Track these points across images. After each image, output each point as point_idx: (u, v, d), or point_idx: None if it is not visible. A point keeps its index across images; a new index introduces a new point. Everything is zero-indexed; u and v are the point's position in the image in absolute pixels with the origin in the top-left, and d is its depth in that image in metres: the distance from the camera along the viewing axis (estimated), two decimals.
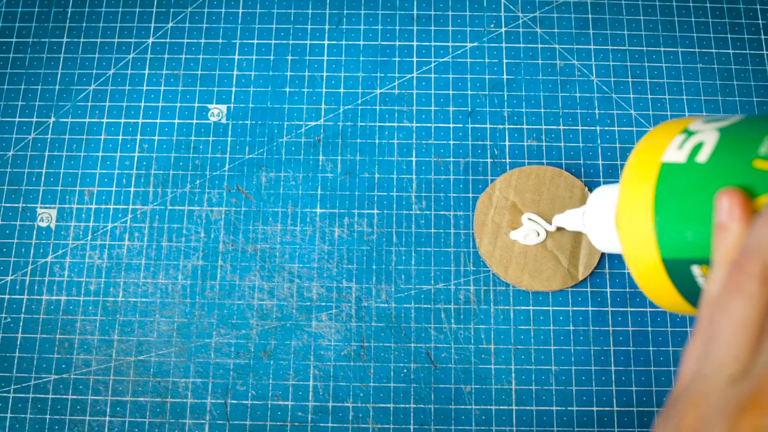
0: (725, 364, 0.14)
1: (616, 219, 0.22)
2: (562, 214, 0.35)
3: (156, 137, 0.41)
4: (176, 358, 0.37)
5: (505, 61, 0.42)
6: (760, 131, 0.18)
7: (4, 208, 0.40)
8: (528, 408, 0.36)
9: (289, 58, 0.42)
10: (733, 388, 0.14)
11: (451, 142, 0.40)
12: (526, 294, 0.38)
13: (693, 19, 0.42)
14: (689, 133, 0.20)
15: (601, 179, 0.39)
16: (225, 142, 0.41)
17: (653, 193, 0.19)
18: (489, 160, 0.40)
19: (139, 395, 0.37)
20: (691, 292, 0.19)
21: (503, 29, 0.42)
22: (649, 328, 0.37)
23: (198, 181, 0.40)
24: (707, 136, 0.19)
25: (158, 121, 0.41)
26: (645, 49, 0.42)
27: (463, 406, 0.36)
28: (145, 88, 0.42)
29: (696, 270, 0.19)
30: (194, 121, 0.41)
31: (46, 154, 0.40)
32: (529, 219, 0.37)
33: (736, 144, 0.18)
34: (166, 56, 0.42)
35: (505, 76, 0.41)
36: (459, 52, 0.42)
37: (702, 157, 0.18)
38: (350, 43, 0.42)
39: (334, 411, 0.37)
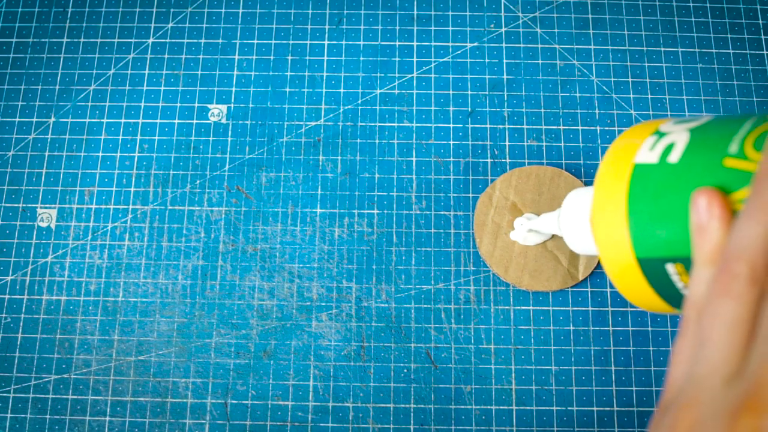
0: (718, 367, 0.14)
1: (590, 220, 0.22)
2: (537, 218, 0.35)
3: (156, 137, 0.41)
4: (176, 358, 0.37)
5: (505, 61, 0.42)
6: (728, 131, 0.18)
7: (4, 208, 0.40)
8: (528, 408, 0.36)
9: (289, 58, 0.42)
10: (728, 390, 0.13)
11: (451, 142, 0.40)
12: (526, 294, 0.38)
13: (693, 19, 0.42)
14: (660, 135, 0.20)
15: None
16: (225, 142, 0.41)
17: (626, 193, 0.20)
18: (489, 160, 0.40)
19: (139, 395, 0.37)
20: (666, 289, 0.20)
21: (503, 29, 0.42)
22: (649, 328, 0.37)
23: (198, 181, 0.40)
24: (678, 137, 0.19)
25: (158, 121, 0.41)
26: (645, 49, 0.42)
27: (463, 406, 0.36)
28: (145, 88, 0.42)
29: (671, 268, 0.19)
30: (194, 121, 0.41)
31: (46, 154, 0.40)
32: (521, 224, 0.37)
33: (706, 143, 0.18)
34: (166, 56, 0.42)
35: (505, 76, 0.41)
36: (459, 52, 0.42)
37: (673, 157, 0.19)
38: (350, 43, 0.42)
39: (334, 411, 0.37)
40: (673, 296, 0.20)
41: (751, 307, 0.14)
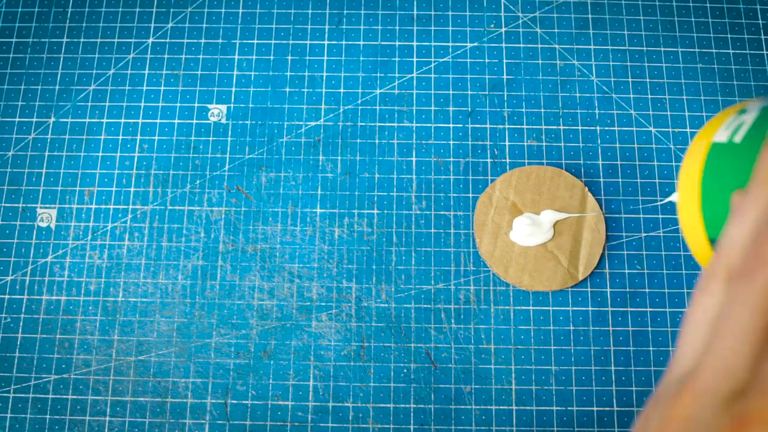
0: (684, 360, 0.15)
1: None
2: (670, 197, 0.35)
3: (156, 137, 0.41)
4: (176, 358, 0.37)
5: (505, 61, 0.42)
6: None
7: (4, 208, 0.40)
8: (528, 408, 0.36)
9: (289, 58, 0.42)
10: (726, 410, 0.14)
11: (451, 142, 0.40)
12: (526, 294, 0.38)
13: (693, 19, 0.42)
14: (742, 112, 0.20)
15: (601, 179, 0.39)
16: (225, 142, 0.41)
17: (701, 172, 0.20)
18: (489, 160, 0.40)
19: (139, 395, 0.37)
20: None
21: (503, 29, 0.42)
22: (649, 328, 0.37)
23: (198, 181, 0.40)
24: (749, 116, 0.19)
25: (158, 121, 0.41)
26: (645, 49, 0.42)
27: (463, 406, 0.36)
28: (145, 88, 0.42)
29: None
30: (194, 121, 0.41)
31: (46, 154, 0.40)
32: (519, 224, 0.37)
33: (765, 123, 0.18)
34: (166, 56, 0.42)
35: (505, 76, 0.41)
36: (459, 52, 0.42)
37: (739, 136, 0.19)
38: (350, 43, 0.42)
39: (334, 411, 0.37)
40: None
41: (718, 307, 0.14)
